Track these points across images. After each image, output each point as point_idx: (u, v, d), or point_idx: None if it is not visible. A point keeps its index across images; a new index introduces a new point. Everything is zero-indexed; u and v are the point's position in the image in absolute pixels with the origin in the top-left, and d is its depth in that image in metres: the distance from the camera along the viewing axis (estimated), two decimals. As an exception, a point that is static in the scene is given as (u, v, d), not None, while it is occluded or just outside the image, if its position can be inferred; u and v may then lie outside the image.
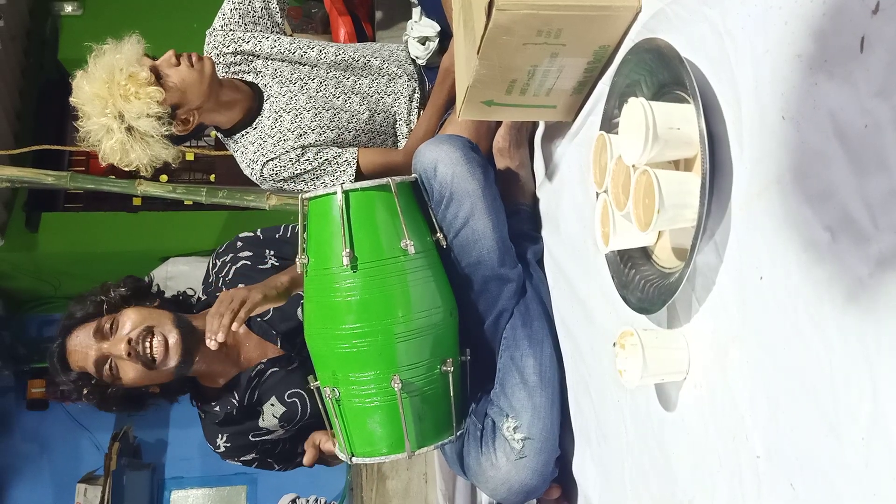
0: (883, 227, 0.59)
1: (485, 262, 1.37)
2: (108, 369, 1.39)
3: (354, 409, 1.30)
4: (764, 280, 0.74)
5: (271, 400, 1.49)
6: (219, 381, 1.52)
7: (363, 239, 1.27)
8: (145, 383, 1.43)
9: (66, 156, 3.48)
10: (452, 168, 1.34)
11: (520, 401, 1.33)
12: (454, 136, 1.41)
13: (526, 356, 1.36)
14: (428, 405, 1.30)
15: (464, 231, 1.35)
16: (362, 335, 1.26)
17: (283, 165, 1.74)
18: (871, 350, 0.60)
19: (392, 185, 1.30)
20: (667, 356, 0.89)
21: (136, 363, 1.38)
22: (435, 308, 1.30)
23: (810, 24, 0.66)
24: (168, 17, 3.45)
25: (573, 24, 1.03)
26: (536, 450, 1.30)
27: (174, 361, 1.41)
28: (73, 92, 1.62)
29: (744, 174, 0.78)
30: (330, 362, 1.31)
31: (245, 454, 1.55)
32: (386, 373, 1.26)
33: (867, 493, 0.61)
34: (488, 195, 1.36)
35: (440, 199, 1.35)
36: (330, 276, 1.28)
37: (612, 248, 1.00)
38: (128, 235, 3.55)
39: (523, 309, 1.40)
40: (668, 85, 0.91)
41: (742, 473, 0.79)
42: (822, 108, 0.65)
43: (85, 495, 3.86)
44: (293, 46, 1.84)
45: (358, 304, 1.26)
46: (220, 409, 1.50)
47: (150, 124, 1.58)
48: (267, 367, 1.50)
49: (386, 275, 1.26)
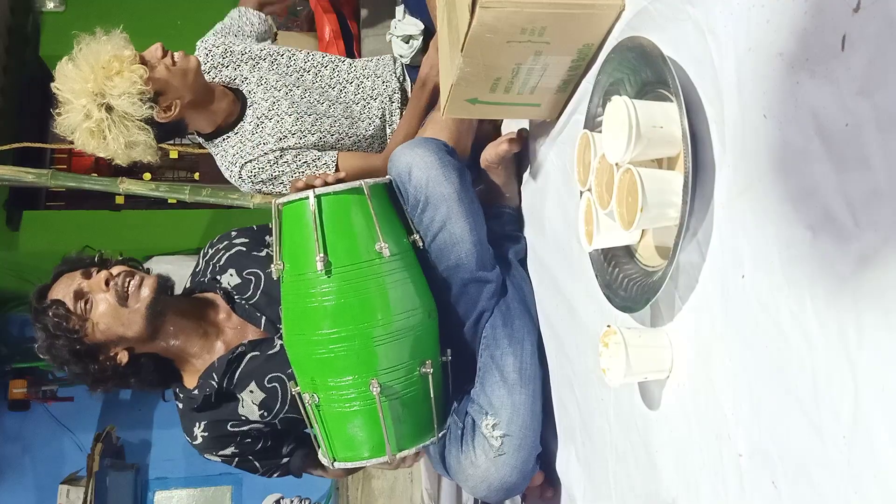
0: (864, 225, 0.59)
1: (463, 264, 1.36)
2: (84, 303, 1.40)
3: (335, 413, 1.30)
4: (746, 278, 0.74)
5: (250, 386, 1.46)
6: (197, 364, 1.50)
7: (337, 243, 1.26)
8: (114, 326, 1.40)
9: (47, 154, 3.45)
10: (427, 172, 1.33)
11: (499, 398, 1.33)
12: (429, 139, 1.40)
13: (506, 355, 1.36)
14: (408, 408, 1.30)
15: (441, 235, 1.34)
16: (340, 340, 1.25)
17: (261, 167, 1.73)
18: (853, 348, 0.60)
19: (365, 187, 1.29)
20: (650, 355, 0.89)
21: (110, 294, 1.39)
22: (413, 310, 1.29)
23: (792, 22, 0.66)
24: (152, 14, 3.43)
25: (557, 23, 1.03)
26: (515, 447, 1.30)
27: (146, 296, 1.40)
28: (55, 77, 1.60)
29: (726, 173, 0.78)
30: (309, 368, 1.30)
31: (224, 447, 1.51)
32: (365, 377, 1.25)
33: (849, 490, 0.61)
34: (464, 198, 1.35)
35: (416, 203, 1.35)
36: (305, 281, 1.27)
37: (596, 247, 1.00)
38: (111, 234, 3.52)
39: (504, 308, 1.40)
40: (651, 83, 0.91)
41: (725, 472, 0.79)
42: (803, 106, 0.65)
43: (67, 496, 3.83)
44: (281, 50, 1.86)
45: (334, 309, 1.25)
46: (199, 393, 1.47)
47: (130, 104, 1.56)
48: (247, 350, 1.48)
49: (361, 278, 1.26)
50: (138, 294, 1.41)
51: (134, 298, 1.41)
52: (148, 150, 1.67)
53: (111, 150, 1.62)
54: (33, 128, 3.39)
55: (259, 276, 1.54)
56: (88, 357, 1.42)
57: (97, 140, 1.60)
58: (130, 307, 1.40)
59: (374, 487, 2.86)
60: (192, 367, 1.51)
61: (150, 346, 1.46)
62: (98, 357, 1.43)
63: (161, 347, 1.47)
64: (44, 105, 3.27)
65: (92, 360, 1.43)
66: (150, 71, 1.60)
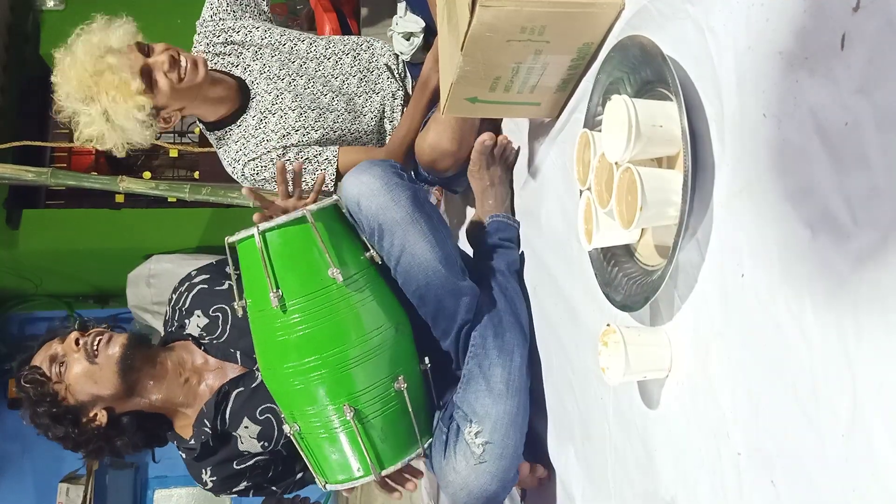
0: (863, 224, 0.59)
1: (432, 282, 1.33)
2: (59, 366, 1.41)
3: (318, 440, 1.31)
4: (745, 277, 0.74)
5: (244, 422, 1.45)
6: (188, 414, 1.49)
7: (287, 277, 1.26)
8: (87, 386, 1.40)
9: (47, 152, 3.43)
10: (375, 201, 1.31)
11: (483, 407, 1.32)
12: (374, 163, 1.36)
13: (494, 366, 1.34)
14: (386, 425, 1.30)
15: (404, 258, 1.32)
16: (309, 370, 1.25)
17: (263, 165, 1.72)
18: (851, 346, 0.60)
19: (308, 215, 1.27)
20: (649, 353, 0.89)
21: (81, 355, 1.40)
22: (379, 328, 1.29)
23: (792, 21, 0.66)
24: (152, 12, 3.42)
25: (557, 22, 1.03)
26: (497, 455, 1.29)
27: (114, 353, 1.41)
28: (54, 70, 1.56)
29: (725, 171, 0.78)
30: (286, 400, 1.31)
31: (236, 485, 1.51)
32: (338, 402, 1.26)
33: (847, 488, 0.61)
34: (419, 218, 1.32)
35: (371, 232, 1.33)
36: (269, 315, 1.27)
37: (596, 246, 1.00)
38: (110, 233, 3.51)
39: (496, 320, 1.38)
40: (651, 82, 0.91)
41: (723, 470, 0.79)
42: (802, 105, 0.65)
43: (67, 495, 3.83)
44: (284, 38, 1.83)
45: (299, 341, 1.25)
46: (196, 442, 1.46)
47: (132, 125, 1.55)
48: (231, 389, 1.46)
49: (320, 307, 1.25)
50: (107, 350, 1.41)
51: (103, 355, 1.41)
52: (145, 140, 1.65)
53: (108, 147, 1.62)
54: (33, 126, 3.38)
55: (225, 311, 1.53)
56: (69, 420, 1.42)
57: (96, 139, 1.60)
58: (100, 364, 1.41)
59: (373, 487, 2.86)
60: (185, 419, 1.50)
61: (131, 404, 1.45)
62: (79, 420, 1.43)
63: (144, 404, 1.46)
64: (44, 104, 3.26)
65: (73, 423, 1.42)
66: (153, 92, 1.55)
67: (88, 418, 1.43)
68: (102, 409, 1.43)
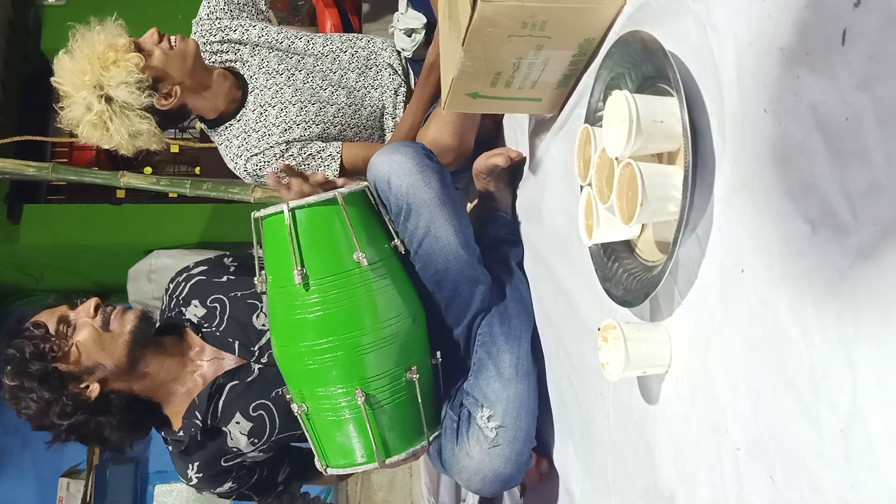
0: (863, 220, 0.59)
1: (452, 267, 1.35)
2: (66, 327, 1.38)
3: (325, 422, 1.31)
4: (745, 273, 0.75)
5: (236, 417, 1.43)
6: (179, 404, 1.46)
7: (313, 255, 1.26)
8: (94, 352, 1.37)
9: (48, 147, 3.44)
10: (406, 179, 1.32)
11: (494, 391, 1.33)
12: (406, 144, 1.38)
13: (503, 352, 1.35)
14: (396, 414, 1.30)
15: (427, 240, 1.33)
16: (324, 351, 1.26)
17: (266, 161, 1.72)
18: (851, 342, 0.60)
19: (339, 198, 1.29)
20: (649, 349, 0.89)
21: (96, 320, 1.38)
22: (397, 316, 1.29)
23: (793, 16, 0.66)
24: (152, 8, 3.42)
25: (558, 17, 1.03)
26: (510, 438, 1.30)
27: (130, 321, 1.39)
28: (55, 72, 1.60)
29: (726, 167, 0.78)
30: (296, 378, 1.31)
31: (220, 484, 1.49)
32: (350, 386, 1.26)
33: (846, 484, 0.61)
34: (447, 201, 1.34)
35: (398, 211, 1.34)
36: (288, 293, 1.27)
37: (596, 242, 1.00)
38: (111, 228, 3.51)
39: (502, 309, 1.40)
40: (652, 78, 0.91)
41: (723, 466, 0.79)
42: (803, 100, 0.65)
43: (68, 489, 3.84)
44: (280, 36, 1.83)
45: (317, 321, 1.26)
46: (185, 434, 1.44)
47: (129, 93, 1.56)
48: (225, 382, 1.44)
49: (342, 289, 1.26)
50: (122, 319, 1.40)
51: (117, 324, 1.39)
52: (152, 139, 1.67)
53: (115, 141, 1.62)
54: (34, 121, 3.38)
55: (223, 301, 1.52)
56: (58, 385, 1.35)
57: (100, 132, 1.60)
58: (113, 332, 1.39)
59: (373, 482, 2.87)
60: (175, 408, 1.47)
61: (125, 383, 1.42)
62: (68, 386, 1.36)
63: (138, 386, 1.43)
64: (45, 98, 3.26)
65: (61, 389, 1.36)
66: (147, 58, 1.59)
67: (80, 389, 1.38)
68: (96, 381, 1.38)
